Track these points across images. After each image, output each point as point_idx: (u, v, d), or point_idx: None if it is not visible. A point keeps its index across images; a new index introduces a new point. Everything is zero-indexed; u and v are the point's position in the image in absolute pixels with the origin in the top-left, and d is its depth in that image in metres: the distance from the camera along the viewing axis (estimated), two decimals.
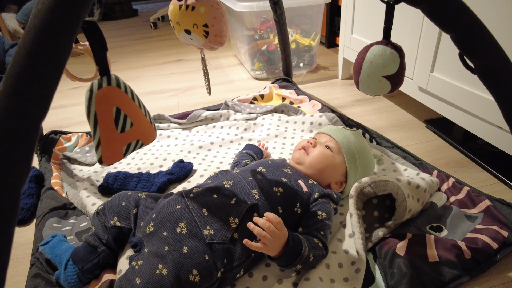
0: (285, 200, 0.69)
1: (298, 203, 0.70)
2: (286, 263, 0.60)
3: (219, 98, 1.49)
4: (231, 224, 0.64)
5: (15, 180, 0.34)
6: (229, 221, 0.64)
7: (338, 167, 0.78)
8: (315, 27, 1.73)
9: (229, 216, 0.64)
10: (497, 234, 0.69)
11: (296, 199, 0.70)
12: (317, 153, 0.78)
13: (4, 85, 0.33)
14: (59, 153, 1.08)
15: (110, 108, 0.52)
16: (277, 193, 0.70)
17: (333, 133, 0.82)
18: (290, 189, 0.71)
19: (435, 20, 0.52)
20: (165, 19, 3.31)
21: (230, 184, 0.70)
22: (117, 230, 0.68)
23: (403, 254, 0.68)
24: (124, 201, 0.71)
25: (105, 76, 0.51)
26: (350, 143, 0.80)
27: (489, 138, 0.92)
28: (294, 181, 0.73)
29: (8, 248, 0.34)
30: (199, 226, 0.62)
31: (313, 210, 0.69)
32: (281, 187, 0.71)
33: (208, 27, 0.73)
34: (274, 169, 0.75)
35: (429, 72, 1.07)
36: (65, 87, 1.77)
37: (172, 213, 0.64)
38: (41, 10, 0.33)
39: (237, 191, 0.68)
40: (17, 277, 0.72)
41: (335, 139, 0.80)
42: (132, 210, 0.69)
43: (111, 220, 0.68)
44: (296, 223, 0.70)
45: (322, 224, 0.67)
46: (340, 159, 0.78)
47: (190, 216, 0.64)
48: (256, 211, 0.66)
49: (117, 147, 0.55)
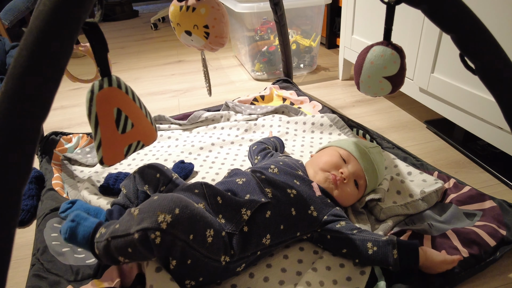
0: (299, 202, 0.70)
1: (312, 206, 0.70)
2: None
3: (220, 99, 1.49)
4: (243, 215, 0.65)
5: (16, 181, 0.34)
6: (241, 212, 0.65)
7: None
8: (315, 28, 1.74)
9: (242, 207, 0.66)
10: (496, 232, 0.69)
11: (309, 202, 0.71)
12: (347, 194, 0.75)
13: (6, 86, 0.33)
14: (59, 154, 1.08)
15: (111, 109, 0.52)
16: (291, 195, 0.70)
17: (363, 164, 0.77)
18: (303, 192, 0.71)
19: (436, 20, 0.52)
20: (165, 20, 3.31)
21: (243, 181, 0.71)
22: (146, 196, 0.72)
23: None
24: (159, 173, 0.74)
25: (106, 77, 0.51)
26: (376, 176, 0.79)
27: (490, 139, 0.92)
28: (307, 184, 0.74)
29: (9, 249, 0.34)
30: (213, 213, 0.64)
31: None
32: (294, 189, 0.71)
33: (209, 28, 0.73)
34: (286, 170, 0.76)
35: (430, 72, 1.07)
36: (66, 88, 1.77)
37: (190, 196, 0.67)
38: (42, 12, 0.33)
39: (251, 188, 0.70)
40: (17, 278, 0.72)
41: (365, 175, 0.77)
42: (161, 187, 0.73)
43: (143, 186, 0.73)
44: (313, 225, 0.70)
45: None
46: (362, 193, 0.79)
47: (206, 203, 0.66)
48: (269, 209, 0.67)
49: (118, 148, 0.55)
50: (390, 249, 0.62)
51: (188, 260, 0.57)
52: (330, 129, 1.14)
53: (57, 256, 0.71)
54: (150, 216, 0.54)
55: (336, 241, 0.68)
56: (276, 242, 0.67)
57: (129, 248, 0.55)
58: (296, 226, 0.69)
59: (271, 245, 0.67)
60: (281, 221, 0.67)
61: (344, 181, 0.75)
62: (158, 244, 0.53)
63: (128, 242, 0.54)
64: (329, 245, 0.70)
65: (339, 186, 0.75)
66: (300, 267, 0.68)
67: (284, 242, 0.69)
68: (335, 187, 0.75)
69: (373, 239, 0.64)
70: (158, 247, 0.53)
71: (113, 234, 0.56)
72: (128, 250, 0.55)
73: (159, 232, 0.53)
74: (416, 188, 0.83)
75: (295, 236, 0.70)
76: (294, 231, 0.69)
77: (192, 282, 0.61)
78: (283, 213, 0.68)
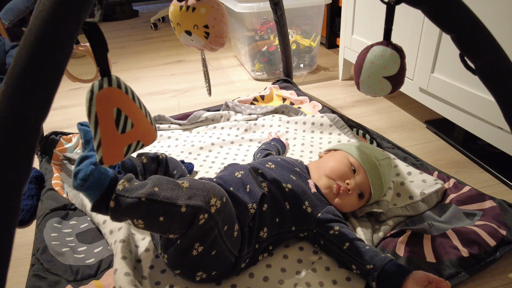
0: (293, 197, 0.71)
1: (307, 202, 0.71)
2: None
3: (220, 99, 1.49)
4: (250, 209, 0.66)
5: (16, 181, 0.34)
6: (248, 207, 0.66)
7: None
8: (315, 28, 1.74)
9: (248, 202, 0.66)
10: (496, 232, 0.69)
11: (304, 197, 0.71)
12: (346, 204, 0.74)
13: (5, 86, 0.33)
14: (59, 154, 1.08)
15: (111, 109, 0.52)
16: (286, 189, 0.71)
17: (371, 178, 0.74)
18: (298, 187, 0.72)
19: (436, 20, 0.52)
20: (165, 20, 3.31)
21: (241, 174, 0.72)
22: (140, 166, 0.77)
23: (402, 254, 0.68)
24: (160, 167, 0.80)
25: (106, 77, 0.51)
26: (382, 189, 0.76)
27: (490, 139, 0.92)
28: (303, 180, 0.74)
29: (9, 249, 0.34)
30: None
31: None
32: (289, 184, 0.72)
33: (209, 28, 0.73)
34: (283, 166, 0.77)
35: (430, 72, 1.07)
36: (66, 88, 1.77)
37: None
38: (42, 11, 0.33)
39: (249, 180, 0.70)
40: (17, 278, 0.72)
41: (371, 188, 0.74)
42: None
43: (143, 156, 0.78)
44: (308, 221, 0.70)
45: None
46: (363, 204, 0.77)
47: None
48: (266, 202, 0.68)
49: (118, 148, 0.55)
50: (370, 280, 0.62)
51: (213, 250, 0.57)
52: (330, 129, 1.14)
53: (56, 256, 0.71)
54: (204, 196, 0.53)
55: (328, 249, 0.69)
56: (272, 234, 0.68)
57: (163, 217, 0.52)
58: (290, 220, 0.70)
59: (268, 238, 0.68)
60: (276, 214, 0.69)
61: (348, 192, 0.73)
62: (200, 226, 0.52)
63: (169, 211, 0.52)
64: (322, 248, 0.71)
65: (341, 195, 0.73)
66: (300, 267, 0.68)
67: (280, 236, 0.70)
68: (336, 196, 0.73)
69: (358, 264, 0.63)
70: (198, 228, 0.52)
71: (151, 196, 0.52)
72: (160, 218, 0.52)
73: (207, 214, 0.52)
74: (416, 190, 0.83)
75: (290, 230, 0.71)
76: (289, 225, 0.70)
77: (204, 275, 0.60)
78: (278, 207, 0.69)
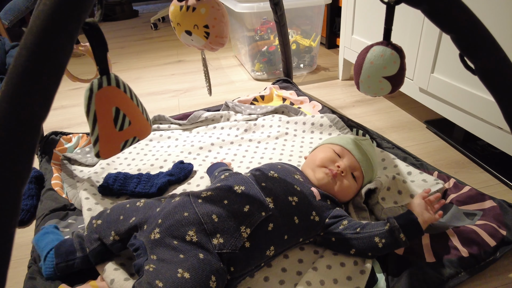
0: (301, 209, 0.69)
1: (314, 212, 0.69)
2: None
3: (220, 99, 1.49)
4: (242, 233, 0.62)
5: (16, 181, 0.34)
6: (240, 230, 0.62)
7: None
8: (315, 28, 1.74)
9: (241, 225, 0.62)
10: (496, 232, 0.69)
11: (311, 208, 0.70)
12: (346, 187, 0.75)
13: (6, 85, 0.33)
14: (59, 154, 1.08)
15: (109, 108, 0.53)
16: (292, 203, 0.68)
17: (357, 156, 0.78)
18: (305, 199, 0.70)
19: (435, 21, 0.52)
20: (165, 20, 3.31)
21: (242, 190, 0.68)
22: (108, 247, 0.66)
23: (402, 253, 0.68)
24: (122, 215, 0.67)
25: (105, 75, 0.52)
26: (371, 166, 0.80)
27: (490, 139, 0.92)
28: (307, 189, 0.72)
29: (9, 249, 0.34)
30: (209, 234, 0.61)
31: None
32: (296, 197, 0.69)
33: (209, 28, 0.73)
34: (285, 175, 0.74)
35: (430, 73, 1.07)
36: (66, 88, 1.77)
37: (180, 221, 0.62)
38: (42, 11, 0.33)
39: (250, 198, 0.66)
40: (17, 278, 0.72)
41: (360, 165, 0.78)
42: (129, 222, 0.66)
43: (110, 236, 0.65)
44: (316, 230, 0.70)
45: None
46: (360, 185, 0.79)
47: (199, 224, 0.61)
48: (271, 222, 0.65)
49: (115, 143, 0.56)
50: (397, 235, 0.64)
51: None
52: (330, 129, 1.14)
53: None
54: None
55: (342, 243, 0.68)
56: (280, 251, 0.67)
57: None
58: (299, 233, 0.68)
59: (275, 255, 0.67)
60: (284, 231, 0.66)
61: (342, 174, 0.75)
62: None
63: None
64: (336, 248, 0.70)
65: (338, 179, 0.75)
66: (301, 267, 0.68)
67: (287, 249, 0.69)
68: (335, 181, 0.74)
69: (378, 233, 0.65)
70: None
71: None
72: None
73: None
74: (417, 189, 0.83)
75: (298, 242, 0.69)
76: (297, 238, 0.69)
77: None
78: (286, 223, 0.66)
